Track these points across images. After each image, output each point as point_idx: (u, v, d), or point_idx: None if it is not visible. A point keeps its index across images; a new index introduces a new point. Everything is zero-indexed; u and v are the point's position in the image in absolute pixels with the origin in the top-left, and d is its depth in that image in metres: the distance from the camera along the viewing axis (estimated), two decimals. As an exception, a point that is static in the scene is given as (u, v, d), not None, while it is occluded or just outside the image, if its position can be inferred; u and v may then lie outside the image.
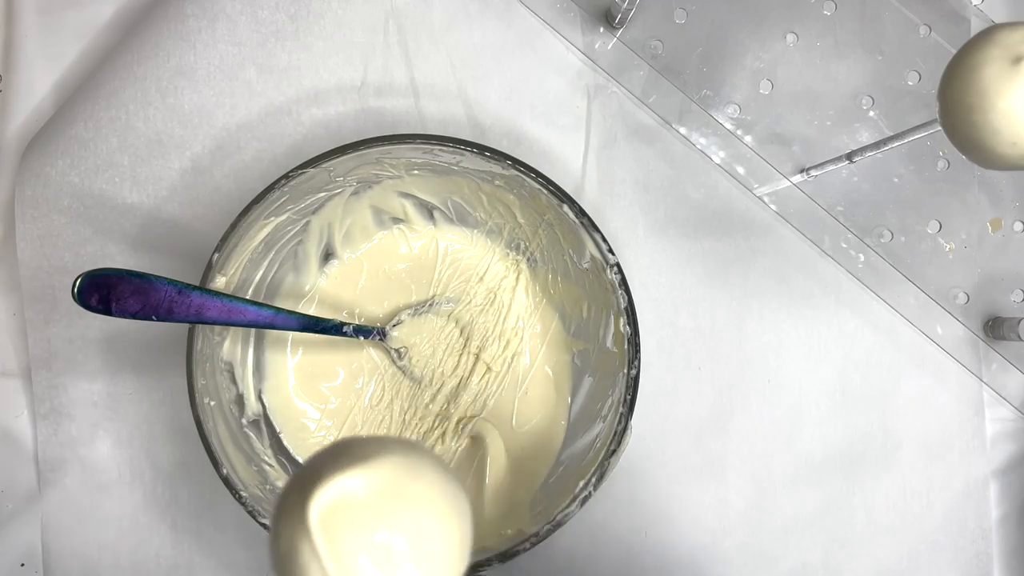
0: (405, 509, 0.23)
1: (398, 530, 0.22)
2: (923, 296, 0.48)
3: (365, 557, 0.22)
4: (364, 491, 0.23)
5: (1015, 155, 0.31)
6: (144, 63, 0.45)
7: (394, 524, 0.22)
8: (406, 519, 0.23)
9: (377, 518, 0.22)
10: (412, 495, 0.23)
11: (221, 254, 0.39)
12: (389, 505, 0.23)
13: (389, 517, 0.23)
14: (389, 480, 0.23)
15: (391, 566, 0.22)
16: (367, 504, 0.22)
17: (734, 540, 0.47)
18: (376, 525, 0.22)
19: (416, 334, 0.45)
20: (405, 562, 0.22)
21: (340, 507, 0.22)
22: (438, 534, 0.23)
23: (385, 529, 0.22)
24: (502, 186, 0.42)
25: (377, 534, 0.22)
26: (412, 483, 0.23)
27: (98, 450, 0.45)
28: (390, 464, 0.23)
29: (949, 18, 0.48)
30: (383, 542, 0.22)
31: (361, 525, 0.22)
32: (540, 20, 0.48)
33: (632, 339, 0.40)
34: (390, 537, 0.22)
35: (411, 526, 0.23)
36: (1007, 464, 0.49)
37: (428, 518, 0.23)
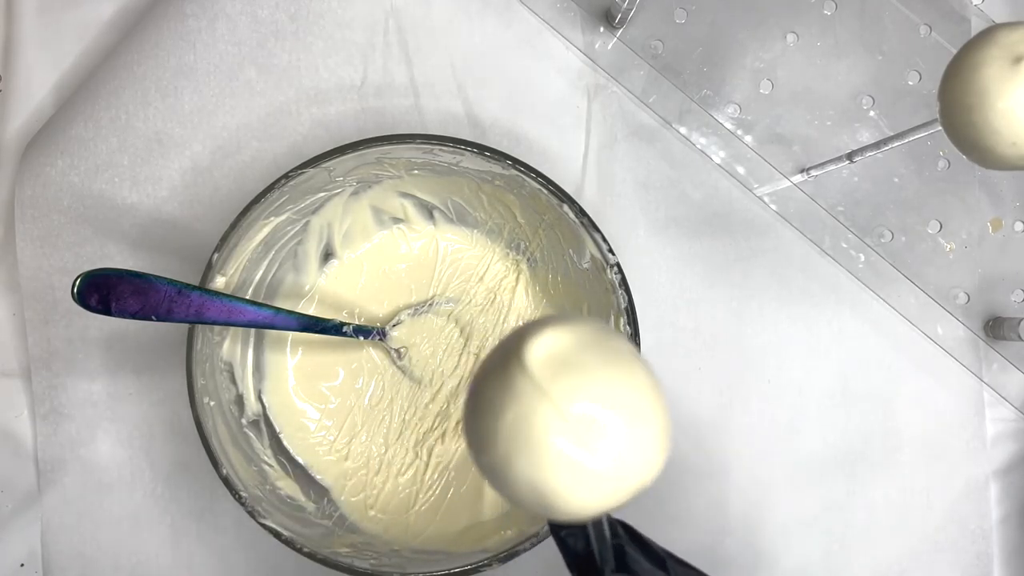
0: (619, 365, 0.23)
1: (613, 380, 0.23)
2: (923, 296, 0.48)
3: (585, 396, 0.22)
4: (577, 343, 0.23)
5: (1015, 155, 0.31)
6: (144, 63, 0.45)
7: (609, 372, 0.23)
8: (620, 374, 0.23)
9: (592, 365, 0.23)
10: (624, 356, 0.24)
11: (221, 254, 0.39)
12: (603, 357, 0.23)
13: (603, 366, 0.23)
14: (597, 337, 0.24)
15: (609, 404, 0.22)
16: (582, 354, 0.23)
17: (734, 540, 0.47)
18: (592, 370, 0.23)
19: (416, 334, 0.45)
20: (621, 408, 0.23)
21: (557, 354, 0.23)
22: (648, 398, 0.24)
23: (601, 375, 0.23)
24: (502, 186, 0.42)
25: (594, 378, 0.23)
26: (623, 347, 0.24)
27: (98, 450, 0.45)
28: (597, 326, 0.24)
29: (949, 18, 0.48)
30: (601, 385, 0.23)
31: (578, 369, 0.23)
32: (540, 20, 0.48)
33: (632, 339, 0.39)
34: (606, 384, 0.23)
35: (625, 381, 0.23)
36: (1007, 464, 0.49)
37: (641, 381, 0.24)
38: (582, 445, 0.22)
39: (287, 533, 0.38)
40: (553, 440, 0.22)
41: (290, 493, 0.42)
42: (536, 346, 0.23)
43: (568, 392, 0.22)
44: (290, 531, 0.38)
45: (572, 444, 0.22)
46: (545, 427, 0.22)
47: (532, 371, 0.22)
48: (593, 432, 0.22)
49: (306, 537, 0.38)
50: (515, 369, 0.23)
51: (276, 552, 0.41)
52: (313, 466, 0.44)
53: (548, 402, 0.22)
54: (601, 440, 0.22)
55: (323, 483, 0.44)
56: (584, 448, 0.22)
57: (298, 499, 0.42)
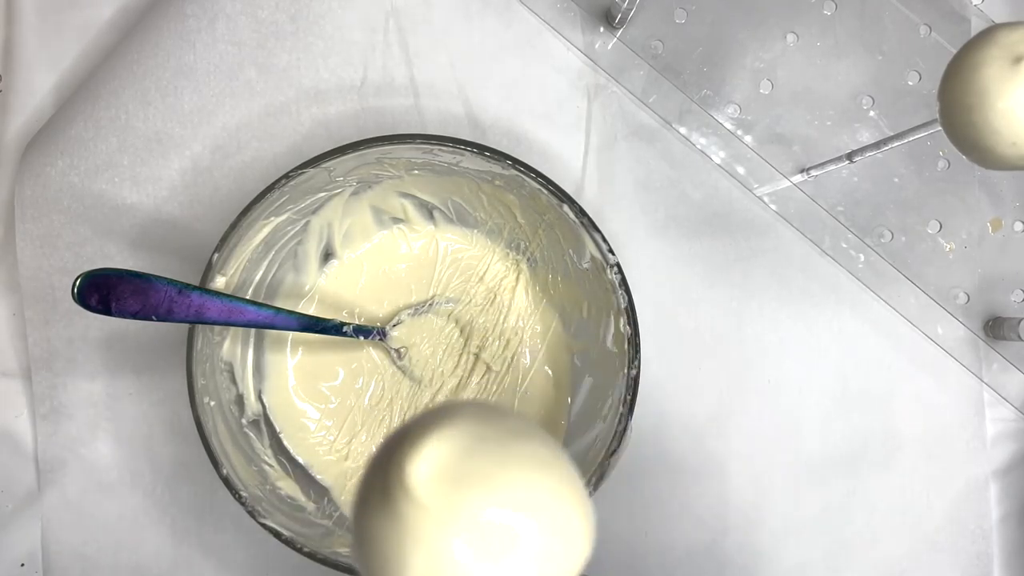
0: (519, 468, 0.21)
1: (515, 492, 0.20)
2: (923, 296, 0.48)
3: (490, 505, 0.20)
4: (462, 446, 0.21)
5: (1015, 155, 0.31)
6: (144, 63, 0.45)
7: (508, 484, 0.20)
8: (521, 483, 0.21)
9: (492, 480, 0.20)
10: (523, 454, 0.21)
11: (221, 254, 0.39)
12: (498, 454, 0.21)
13: (503, 479, 0.20)
14: (483, 430, 0.21)
15: (519, 508, 0.20)
16: (472, 459, 0.20)
17: (734, 540, 0.47)
18: (491, 488, 0.20)
19: (416, 334, 0.45)
20: (528, 535, 0.20)
21: (443, 470, 0.20)
22: (563, 509, 0.21)
23: (500, 491, 0.20)
24: (502, 186, 0.42)
25: (493, 496, 0.20)
26: (520, 443, 0.21)
27: (98, 450, 0.45)
28: (479, 414, 0.22)
29: (949, 18, 0.48)
30: (500, 505, 0.20)
31: (474, 489, 0.20)
32: (540, 20, 0.48)
33: (632, 339, 0.39)
34: (508, 502, 0.20)
35: (529, 490, 0.21)
36: (1007, 464, 0.49)
37: (549, 484, 0.21)
38: (495, 563, 0.20)
39: (287, 533, 0.38)
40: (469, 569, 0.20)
41: (290, 493, 0.42)
42: (418, 466, 0.20)
43: (471, 510, 0.20)
44: (290, 531, 0.38)
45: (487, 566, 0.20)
46: (457, 558, 0.20)
47: (420, 498, 0.20)
48: (507, 544, 0.20)
49: (306, 537, 0.38)
50: (400, 500, 0.20)
51: (276, 552, 0.41)
52: (313, 466, 0.44)
53: (454, 528, 0.20)
54: (518, 551, 0.20)
55: (323, 483, 0.44)
56: (499, 566, 0.20)
57: (298, 499, 0.42)
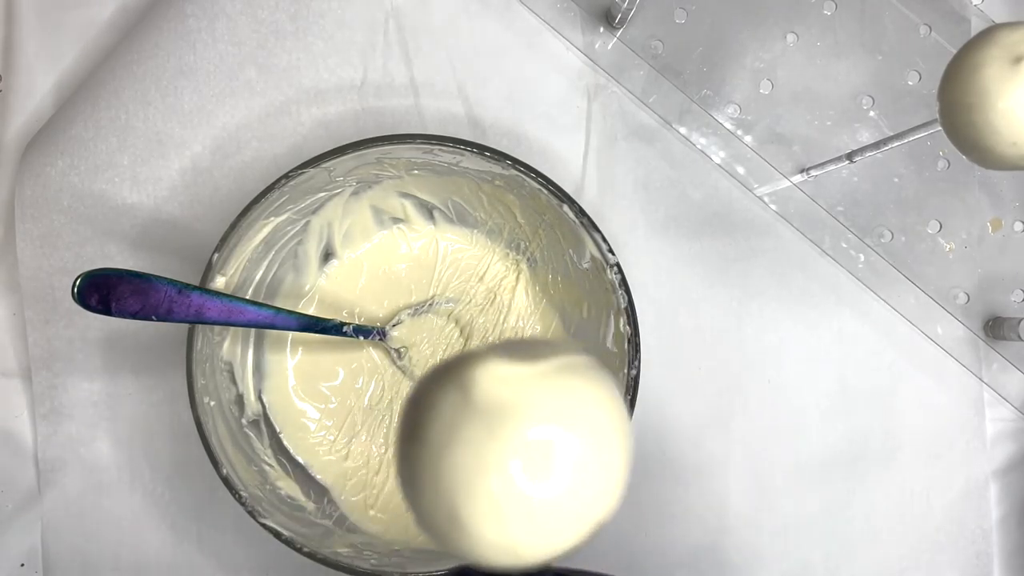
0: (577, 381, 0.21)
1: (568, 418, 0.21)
2: (923, 296, 0.48)
3: (542, 417, 0.20)
4: (531, 366, 0.21)
5: (1015, 155, 0.31)
6: (144, 63, 0.45)
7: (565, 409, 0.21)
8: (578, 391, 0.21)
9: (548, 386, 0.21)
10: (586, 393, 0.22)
11: (221, 254, 0.39)
12: (561, 376, 0.21)
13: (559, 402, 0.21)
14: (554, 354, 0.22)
15: (567, 424, 0.21)
16: (535, 378, 0.21)
17: (734, 540, 0.47)
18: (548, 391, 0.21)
19: (416, 334, 0.45)
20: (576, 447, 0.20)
21: (508, 383, 0.21)
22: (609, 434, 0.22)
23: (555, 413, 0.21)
24: (502, 186, 0.42)
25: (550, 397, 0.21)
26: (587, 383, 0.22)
27: (98, 450, 0.45)
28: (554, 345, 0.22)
29: (949, 18, 0.48)
30: (557, 404, 0.21)
31: (532, 401, 0.21)
32: (540, 20, 0.48)
33: (632, 339, 0.39)
34: (563, 402, 0.21)
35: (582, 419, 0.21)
36: (1007, 464, 0.49)
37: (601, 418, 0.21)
38: (535, 475, 0.20)
39: (287, 533, 0.38)
40: (504, 470, 0.20)
41: (290, 493, 0.42)
42: (488, 366, 0.21)
43: (523, 417, 0.20)
44: (290, 531, 0.38)
45: (524, 474, 0.20)
46: (498, 455, 0.20)
47: (483, 392, 0.21)
48: (548, 458, 0.20)
49: (306, 537, 0.38)
50: (461, 392, 0.21)
51: (276, 552, 0.41)
52: (313, 466, 0.44)
53: (501, 430, 0.20)
54: (556, 467, 0.20)
55: (323, 483, 0.44)
56: (537, 479, 0.20)
57: (298, 499, 0.42)
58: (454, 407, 0.21)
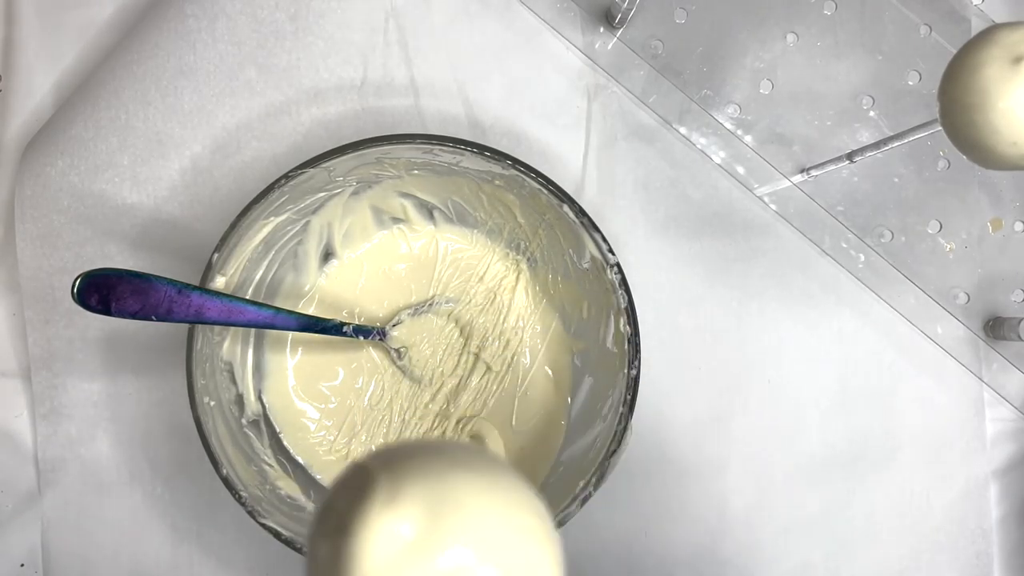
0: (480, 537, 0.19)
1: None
2: (923, 296, 0.48)
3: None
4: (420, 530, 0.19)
5: (1015, 155, 0.31)
6: (144, 63, 0.45)
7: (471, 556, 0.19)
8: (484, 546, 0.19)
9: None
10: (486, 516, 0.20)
11: (221, 254, 0.39)
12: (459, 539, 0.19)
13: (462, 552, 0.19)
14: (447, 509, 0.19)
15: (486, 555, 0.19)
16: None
17: (734, 540, 0.47)
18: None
19: (416, 334, 0.45)
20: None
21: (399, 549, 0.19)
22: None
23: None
24: (502, 186, 0.42)
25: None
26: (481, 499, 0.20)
27: (98, 450, 0.45)
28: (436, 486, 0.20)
29: (949, 18, 0.48)
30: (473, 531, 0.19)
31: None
32: (540, 20, 0.48)
33: (632, 339, 0.39)
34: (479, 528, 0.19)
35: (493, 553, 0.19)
36: (1007, 464, 0.49)
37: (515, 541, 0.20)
38: None
39: (287, 533, 0.38)
40: None
41: (290, 493, 0.42)
42: (372, 545, 0.19)
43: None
44: (290, 531, 0.38)
45: None
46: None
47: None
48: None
49: (306, 537, 0.38)
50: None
51: (276, 552, 0.41)
52: (313, 466, 0.44)
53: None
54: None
55: (323, 483, 0.44)
56: None
57: (298, 499, 0.42)
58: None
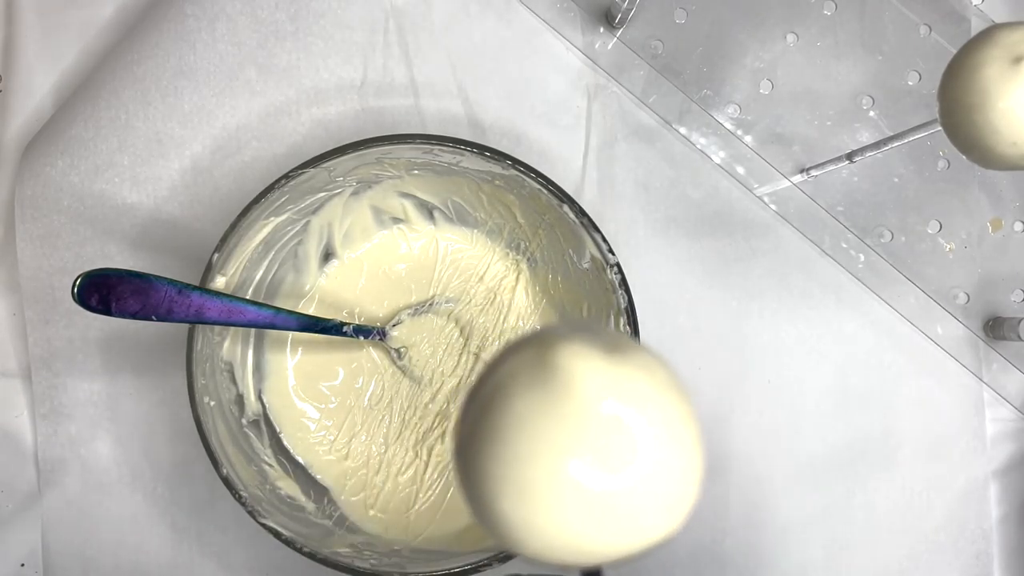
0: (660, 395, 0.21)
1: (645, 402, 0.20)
2: (923, 296, 0.48)
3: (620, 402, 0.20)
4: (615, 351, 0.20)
5: (1015, 155, 0.31)
6: (144, 63, 0.45)
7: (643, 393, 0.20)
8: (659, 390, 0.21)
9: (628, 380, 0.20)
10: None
11: (221, 254, 0.39)
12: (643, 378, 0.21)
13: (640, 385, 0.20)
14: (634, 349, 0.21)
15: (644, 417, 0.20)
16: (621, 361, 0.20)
17: (734, 540, 0.47)
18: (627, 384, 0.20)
19: (416, 334, 0.45)
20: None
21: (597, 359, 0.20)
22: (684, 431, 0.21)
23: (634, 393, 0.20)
24: (502, 186, 0.42)
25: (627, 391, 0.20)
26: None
27: (98, 450, 0.45)
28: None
29: (949, 18, 0.48)
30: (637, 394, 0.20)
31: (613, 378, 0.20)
32: (540, 20, 0.48)
33: (632, 339, 0.39)
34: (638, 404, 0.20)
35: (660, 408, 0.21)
36: (1007, 464, 0.49)
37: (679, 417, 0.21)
38: (611, 465, 0.19)
39: (287, 533, 0.38)
40: (579, 455, 0.19)
41: (290, 493, 0.42)
42: (572, 345, 0.20)
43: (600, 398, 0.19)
44: (290, 531, 0.38)
45: (600, 463, 0.19)
46: (573, 437, 0.19)
47: (565, 371, 0.19)
48: (625, 449, 0.19)
49: (306, 537, 0.38)
50: (540, 367, 0.20)
51: (276, 552, 0.41)
52: (313, 466, 0.44)
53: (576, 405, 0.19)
54: (634, 459, 0.19)
55: (323, 483, 0.44)
56: (613, 469, 0.19)
57: (298, 499, 0.42)
58: (531, 383, 0.20)
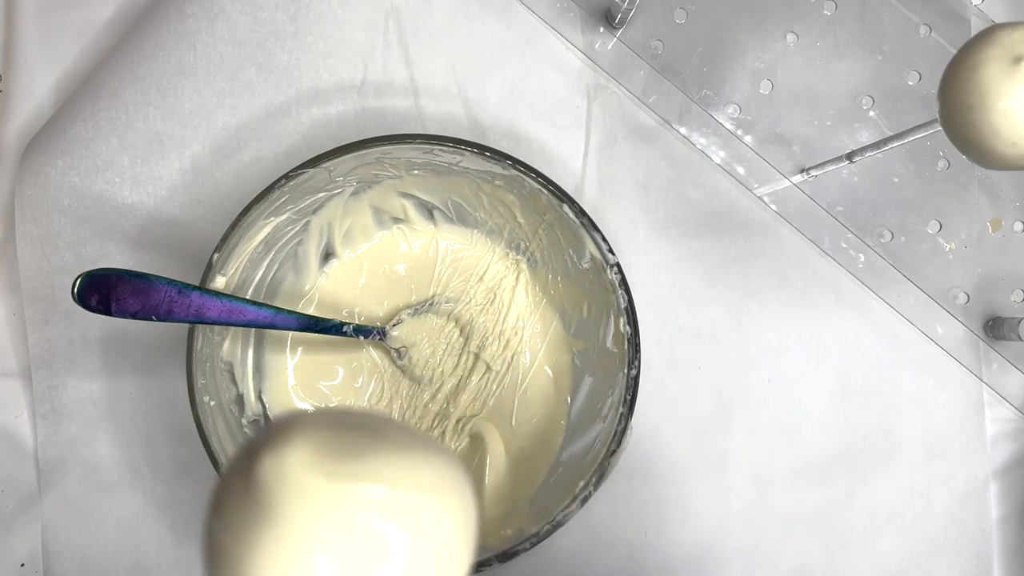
0: (397, 488, 0.18)
1: (387, 513, 0.18)
2: (923, 296, 0.48)
3: (342, 539, 0.17)
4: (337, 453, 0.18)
5: (1015, 155, 0.31)
6: (144, 63, 0.45)
7: (381, 506, 0.18)
8: (399, 501, 0.18)
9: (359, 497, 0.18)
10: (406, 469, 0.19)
11: (221, 254, 0.39)
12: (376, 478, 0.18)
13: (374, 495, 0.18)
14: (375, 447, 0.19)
15: (374, 558, 0.18)
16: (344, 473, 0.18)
17: (734, 540, 0.47)
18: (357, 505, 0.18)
19: (416, 334, 0.45)
20: (396, 554, 0.18)
21: (304, 468, 0.18)
22: (440, 523, 0.19)
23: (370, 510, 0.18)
24: (502, 186, 0.42)
25: (360, 515, 0.18)
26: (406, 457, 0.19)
27: (98, 450, 0.45)
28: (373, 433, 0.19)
29: (949, 18, 0.48)
30: (367, 527, 0.18)
31: (335, 500, 0.18)
32: (540, 20, 0.48)
33: (632, 339, 0.40)
34: (377, 522, 0.18)
35: (405, 510, 0.18)
36: (1007, 464, 0.49)
37: (428, 501, 0.19)
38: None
39: (287, 533, 0.38)
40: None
41: (290, 493, 0.42)
42: (290, 452, 0.18)
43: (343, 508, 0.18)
44: (290, 531, 0.38)
45: None
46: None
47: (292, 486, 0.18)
48: (378, 556, 0.18)
49: (306, 537, 0.38)
50: (267, 490, 0.18)
51: (276, 552, 0.41)
52: (313, 466, 0.44)
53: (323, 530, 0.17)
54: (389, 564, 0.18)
55: (323, 483, 0.44)
56: None
57: (298, 499, 0.42)
58: (237, 509, 0.18)
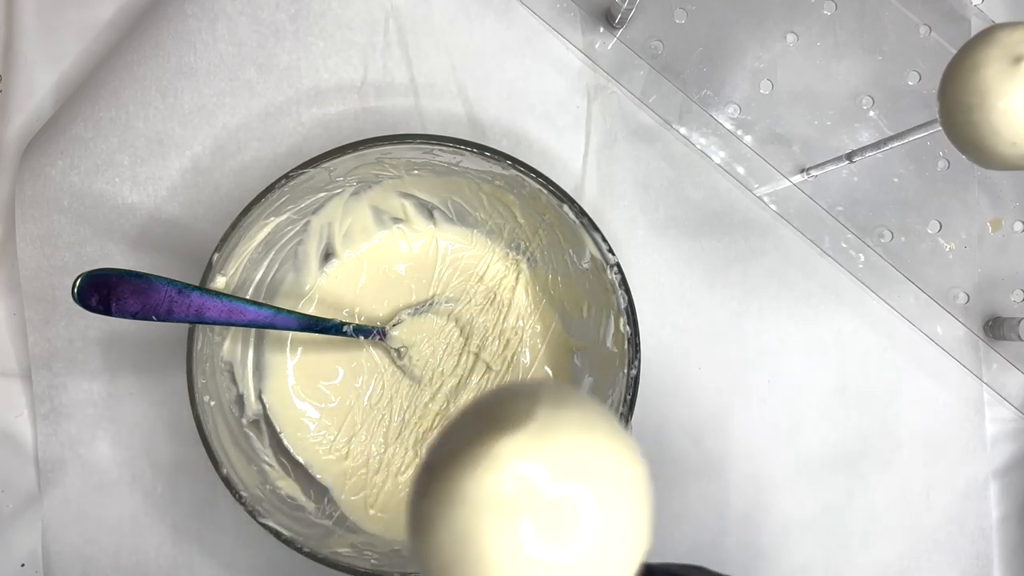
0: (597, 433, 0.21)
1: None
2: (923, 296, 0.48)
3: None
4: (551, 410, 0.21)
5: (1015, 155, 0.31)
6: (144, 63, 0.45)
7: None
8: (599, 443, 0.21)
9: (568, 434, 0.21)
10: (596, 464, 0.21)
11: (221, 254, 0.39)
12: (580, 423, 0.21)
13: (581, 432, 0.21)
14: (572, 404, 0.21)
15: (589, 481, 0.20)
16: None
17: (734, 540, 0.47)
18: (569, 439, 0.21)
19: (416, 333, 0.45)
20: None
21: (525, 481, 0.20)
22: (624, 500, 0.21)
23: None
24: (502, 186, 0.42)
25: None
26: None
27: (98, 450, 0.45)
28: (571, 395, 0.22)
29: (949, 18, 0.48)
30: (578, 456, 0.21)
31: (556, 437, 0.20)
32: (540, 20, 0.48)
33: (632, 339, 0.40)
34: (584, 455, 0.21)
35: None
36: (1007, 464, 0.49)
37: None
38: (552, 539, 0.19)
39: (287, 533, 0.38)
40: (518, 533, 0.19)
41: (290, 493, 0.42)
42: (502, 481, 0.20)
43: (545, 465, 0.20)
44: (290, 531, 0.38)
45: (541, 538, 0.19)
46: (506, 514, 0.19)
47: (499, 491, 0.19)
48: (567, 519, 0.20)
49: (306, 537, 0.38)
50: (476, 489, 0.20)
51: (276, 552, 0.41)
52: (313, 465, 0.44)
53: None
54: (576, 528, 0.20)
55: (323, 482, 0.44)
56: (555, 542, 0.19)
57: (298, 499, 0.42)
58: (468, 505, 0.20)
